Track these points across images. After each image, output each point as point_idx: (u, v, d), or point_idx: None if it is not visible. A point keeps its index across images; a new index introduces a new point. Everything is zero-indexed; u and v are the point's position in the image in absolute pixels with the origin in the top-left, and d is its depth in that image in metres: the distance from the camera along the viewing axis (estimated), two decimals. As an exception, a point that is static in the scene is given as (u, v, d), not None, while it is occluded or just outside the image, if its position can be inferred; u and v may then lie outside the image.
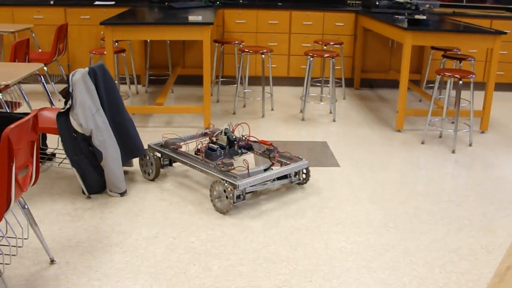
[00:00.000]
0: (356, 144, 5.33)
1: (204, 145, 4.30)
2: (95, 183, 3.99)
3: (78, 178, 3.93)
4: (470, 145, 5.46)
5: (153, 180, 4.30)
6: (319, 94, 7.30)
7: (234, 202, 3.75)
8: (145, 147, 4.39)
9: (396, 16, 6.58)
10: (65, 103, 3.83)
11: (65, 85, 4.50)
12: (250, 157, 4.75)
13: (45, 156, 4.65)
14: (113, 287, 2.91)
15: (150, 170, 4.31)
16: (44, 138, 4.66)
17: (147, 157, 4.30)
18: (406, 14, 6.83)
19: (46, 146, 4.70)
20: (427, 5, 7.77)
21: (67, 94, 3.83)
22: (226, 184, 3.73)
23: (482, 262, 3.30)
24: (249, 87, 7.50)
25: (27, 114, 3.58)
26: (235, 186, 3.72)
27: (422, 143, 5.45)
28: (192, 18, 5.38)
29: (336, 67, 7.55)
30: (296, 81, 7.71)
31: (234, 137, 4.32)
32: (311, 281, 3.01)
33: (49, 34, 7.20)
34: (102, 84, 3.97)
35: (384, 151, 5.18)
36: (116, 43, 6.74)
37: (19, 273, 3.01)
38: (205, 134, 4.74)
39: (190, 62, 7.54)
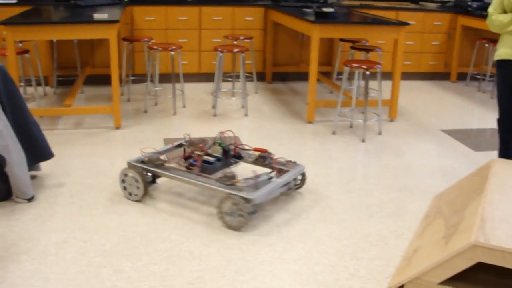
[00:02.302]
0: (268, 138, 5.37)
1: (195, 157, 4.01)
2: (-1, 190, 3.85)
3: (-19, 186, 3.79)
4: (380, 133, 5.60)
5: (139, 201, 3.93)
6: (230, 89, 7.31)
7: (248, 217, 3.48)
8: (53, 149, 4.26)
9: (305, 10, 6.66)
10: (-37, 108, 3.68)
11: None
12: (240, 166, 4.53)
13: None
14: (20, 296, 2.82)
15: (136, 191, 3.91)
16: None
17: (131, 176, 3.89)
18: (314, 7, 6.92)
19: None
20: (334, -2, 7.91)
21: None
22: (239, 199, 3.47)
23: (392, 246, 3.39)
24: (161, 84, 7.43)
25: None
26: (249, 200, 3.45)
27: (333, 133, 5.55)
28: (97, 16, 5.27)
29: (247, 62, 7.57)
30: (208, 77, 7.69)
31: (229, 147, 4.09)
32: (224, 276, 3.01)
33: (-52, 37, 6.90)
34: (2, 87, 3.83)
35: (295, 143, 5.24)
36: (20, 44, 6.53)
37: None
38: (179, 145, 4.37)
39: (99, 62, 7.39)
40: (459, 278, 2.88)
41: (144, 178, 3.87)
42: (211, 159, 3.96)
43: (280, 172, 3.97)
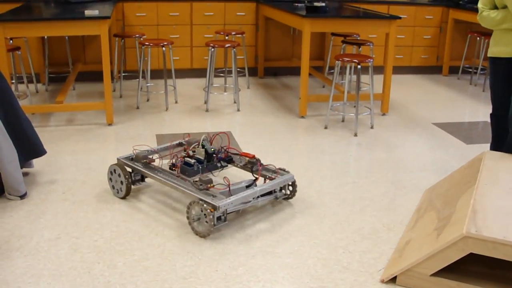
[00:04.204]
0: (260, 132, 5.37)
1: (179, 158, 3.84)
2: (-9, 187, 3.84)
3: (-27, 183, 3.77)
4: (372, 127, 5.61)
5: (123, 198, 3.86)
6: (222, 85, 7.30)
7: (214, 225, 3.31)
8: (45, 147, 4.24)
9: (296, 4, 6.67)
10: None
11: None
12: (232, 170, 4.39)
13: None
14: (13, 292, 2.81)
15: (120, 188, 3.87)
16: None
17: (116, 173, 3.84)
18: (306, 1, 6.93)
19: None
20: (326, -7, 7.91)
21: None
22: (204, 206, 3.28)
23: (384, 239, 3.40)
24: (153, 80, 7.41)
25: None
26: (215, 208, 3.27)
27: (325, 128, 5.56)
28: (88, 12, 5.26)
29: (239, 57, 7.57)
30: (200, 73, 7.68)
31: (213, 149, 3.89)
32: (217, 270, 3.02)
33: None
34: (-7, 83, 3.82)
35: (288, 138, 5.24)
36: (11, 41, 6.50)
37: None
38: (180, 145, 4.26)
39: (91, 58, 7.37)
40: (451, 270, 2.90)
41: (127, 175, 3.81)
42: (191, 161, 3.79)
43: (265, 179, 3.80)
